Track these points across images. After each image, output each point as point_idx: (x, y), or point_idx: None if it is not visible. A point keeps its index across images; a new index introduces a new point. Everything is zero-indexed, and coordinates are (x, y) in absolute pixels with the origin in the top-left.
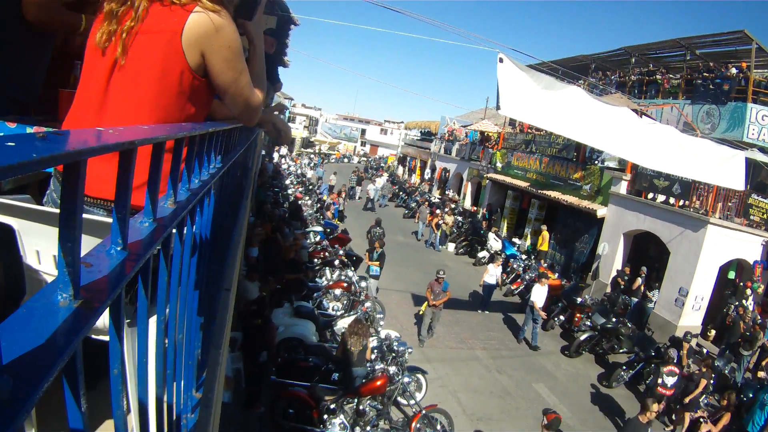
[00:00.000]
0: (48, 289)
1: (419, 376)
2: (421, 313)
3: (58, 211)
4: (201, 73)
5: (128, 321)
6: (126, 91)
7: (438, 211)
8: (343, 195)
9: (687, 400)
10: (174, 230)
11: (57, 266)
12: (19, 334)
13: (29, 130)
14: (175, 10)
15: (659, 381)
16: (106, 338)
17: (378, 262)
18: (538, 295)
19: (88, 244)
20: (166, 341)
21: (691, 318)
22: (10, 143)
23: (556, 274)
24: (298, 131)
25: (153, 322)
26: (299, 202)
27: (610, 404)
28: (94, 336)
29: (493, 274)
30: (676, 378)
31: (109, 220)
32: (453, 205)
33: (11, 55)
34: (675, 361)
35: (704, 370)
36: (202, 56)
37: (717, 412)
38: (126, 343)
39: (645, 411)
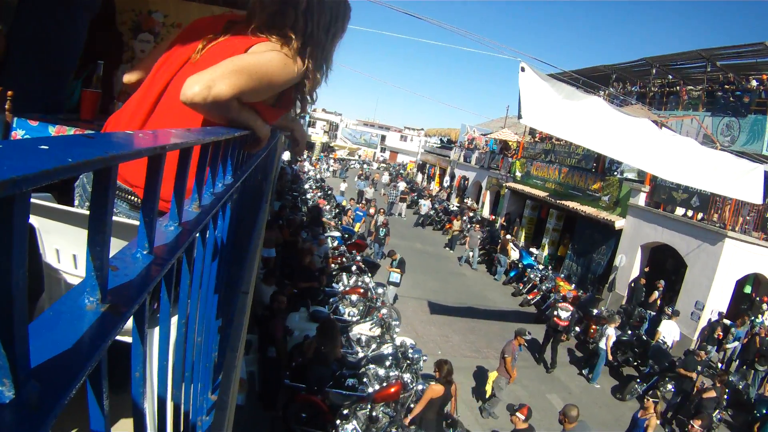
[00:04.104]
0: (75, 292)
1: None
2: (488, 389)
3: (77, 210)
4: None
5: None
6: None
7: (509, 237)
8: (383, 214)
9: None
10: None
11: (85, 269)
12: (46, 337)
13: (51, 128)
14: (253, 37)
15: (555, 314)
16: (123, 338)
17: (398, 270)
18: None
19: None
20: (185, 344)
21: None
22: (43, 146)
23: (573, 285)
24: (318, 136)
25: (171, 324)
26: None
27: (623, 417)
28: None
29: (614, 337)
30: (569, 313)
31: (132, 222)
32: (471, 214)
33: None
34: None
35: (718, 384)
36: None
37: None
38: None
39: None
